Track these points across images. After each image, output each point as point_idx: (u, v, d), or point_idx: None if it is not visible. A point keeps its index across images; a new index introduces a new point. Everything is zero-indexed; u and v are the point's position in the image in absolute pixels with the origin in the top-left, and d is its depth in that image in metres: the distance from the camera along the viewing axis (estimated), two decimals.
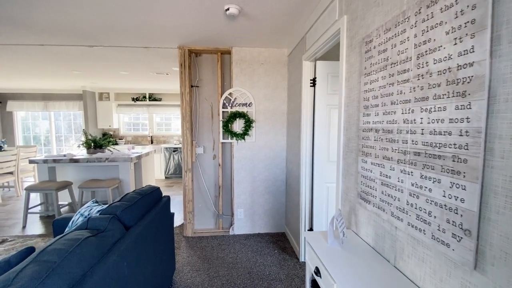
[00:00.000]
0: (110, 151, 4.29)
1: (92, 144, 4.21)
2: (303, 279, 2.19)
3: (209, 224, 3.24)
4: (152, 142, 6.48)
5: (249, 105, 2.98)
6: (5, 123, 6.47)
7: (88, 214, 1.84)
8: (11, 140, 6.45)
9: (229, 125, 2.97)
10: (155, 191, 1.95)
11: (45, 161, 3.68)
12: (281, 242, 2.88)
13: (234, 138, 2.98)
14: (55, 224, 2.01)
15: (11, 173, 4.86)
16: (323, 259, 1.14)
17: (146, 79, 4.99)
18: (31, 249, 1.16)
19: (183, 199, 3.01)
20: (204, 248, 2.76)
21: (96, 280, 1.00)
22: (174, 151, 6.05)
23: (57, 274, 0.89)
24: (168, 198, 2.07)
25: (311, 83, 2.38)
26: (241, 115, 2.95)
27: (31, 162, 3.69)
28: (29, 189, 3.36)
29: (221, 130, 3.01)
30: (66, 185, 3.56)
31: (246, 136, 2.99)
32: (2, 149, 4.84)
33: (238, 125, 3.01)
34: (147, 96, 6.36)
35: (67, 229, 1.84)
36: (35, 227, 3.42)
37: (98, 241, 1.14)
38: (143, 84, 5.57)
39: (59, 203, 3.61)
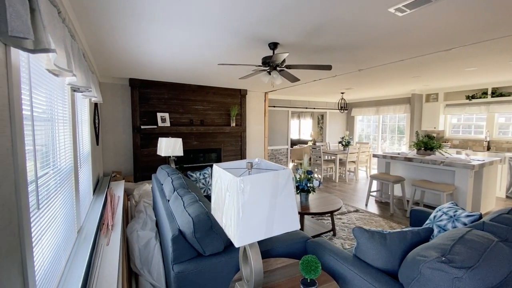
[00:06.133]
0: (442, 154, 4.13)
1: (423, 145, 4.34)
2: None
3: None
4: (488, 149, 5.24)
5: None
6: (349, 124, 8.89)
7: (454, 215, 1.90)
8: (352, 137, 8.74)
9: None
10: None
11: (384, 157, 4.47)
12: None
13: None
14: (413, 212, 2.35)
15: (353, 161, 6.59)
16: None
17: (497, 71, 4.07)
18: (430, 229, 1.43)
19: None
20: None
21: None
22: None
23: (486, 263, 0.99)
24: None
25: None
26: None
27: (374, 156, 4.69)
28: (373, 177, 4.30)
29: None
30: (400, 180, 4.04)
31: None
32: (350, 144, 6.71)
33: None
34: (489, 92, 5.18)
35: (428, 221, 2.06)
36: (373, 207, 4.31)
37: (508, 249, 1.11)
38: (487, 78, 4.62)
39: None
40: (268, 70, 2.72)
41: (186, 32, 2.37)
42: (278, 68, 2.72)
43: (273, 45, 2.66)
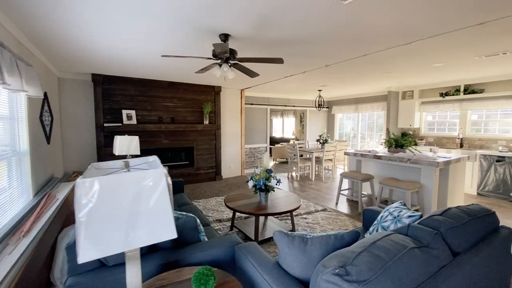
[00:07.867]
0: (412, 152, 4.07)
1: (394, 143, 4.27)
2: None
3: None
4: (461, 146, 5.23)
5: None
6: (329, 122, 8.83)
7: (398, 215, 1.80)
8: (331, 135, 8.68)
9: None
10: (489, 215, 1.41)
11: (355, 154, 4.39)
12: None
13: None
14: (365, 212, 2.24)
15: (330, 160, 6.52)
16: None
17: (465, 67, 4.03)
18: (356, 233, 1.31)
19: None
20: None
21: None
22: (498, 161, 4.37)
23: (388, 275, 0.87)
24: (510, 231, 1.41)
25: None
26: None
27: (345, 154, 4.60)
28: (343, 175, 4.21)
29: None
30: (369, 178, 3.96)
31: None
32: (328, 142, 6.63)
33: None
34: (461, 89, 5.17)
35: (375, 222, 1.95)
36: (344, 206, 4.22)
37: (423, 257, 0.99)
38: (458, 74, 4.59)
39: (362, 192, 4.12)
40: (219, 63, 2.56)
41: (125, 21, 2.18)
42: (230, 61, 2.57)
43: (224, 37, 2.50)
